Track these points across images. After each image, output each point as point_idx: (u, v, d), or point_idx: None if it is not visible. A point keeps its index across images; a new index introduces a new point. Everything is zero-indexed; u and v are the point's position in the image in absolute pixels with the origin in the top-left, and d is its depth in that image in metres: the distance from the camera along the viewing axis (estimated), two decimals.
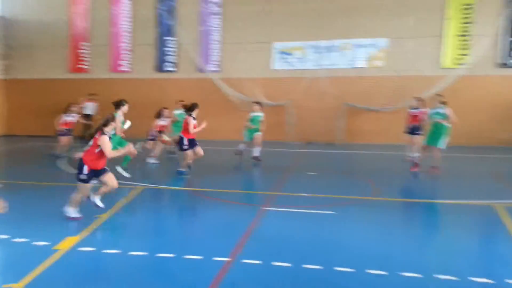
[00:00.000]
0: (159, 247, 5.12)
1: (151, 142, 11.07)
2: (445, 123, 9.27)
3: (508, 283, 4.14)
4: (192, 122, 9.16)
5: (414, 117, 10.72)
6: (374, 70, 15.27)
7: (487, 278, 4.23)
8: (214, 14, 16.38)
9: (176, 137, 11.69)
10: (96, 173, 5.97)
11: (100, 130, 5.89)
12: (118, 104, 8.70)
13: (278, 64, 16.16)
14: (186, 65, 16.81)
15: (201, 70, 16.49)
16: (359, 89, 15.12)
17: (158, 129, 11.06)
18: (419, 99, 10.90)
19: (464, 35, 14.47)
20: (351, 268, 4.46)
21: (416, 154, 10.04)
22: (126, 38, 17.06)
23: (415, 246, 5.28)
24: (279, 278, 4.27)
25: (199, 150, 9.41)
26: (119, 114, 8.50)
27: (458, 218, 6.57)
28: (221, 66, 16.52)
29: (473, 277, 4.26)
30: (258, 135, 11.20)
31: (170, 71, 16.90)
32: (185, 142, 9.22)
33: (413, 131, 10.69)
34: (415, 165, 9.68)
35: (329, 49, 15.66)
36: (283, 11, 15.85)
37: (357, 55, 15.46)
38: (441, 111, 9.34)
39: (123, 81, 17.07)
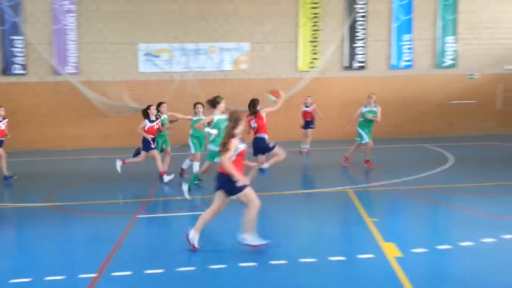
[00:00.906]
0: (12, 272, 4.55)
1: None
2: (376, 119, 10.24)
3: (358, 258, 4.80)
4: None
5: (308, 113, 12.68)
6: (239, 73, 15.98)
7: (342, 256, 4.84)
8: (69, 12, 15.11)
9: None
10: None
11: (231, 134, 5.00)
12: (214, 103, 7.59)
13: (145, 67, 15.71)
14: (38, 67, 15.18)
15: (56, 72, 15.07)
16: (227, 91, 15.65)
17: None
18: (310, 98, 12.91)
19: (314, 41, 16.15)
20: (223, 264, 4.63)
21: (308, 146, 12.37)
22: None
23: (283, 234, 5.72)
24: (151, 286, 4.20)
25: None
26: (216, 114, 7.58)
27: (319, 205, 7.34)
28: (80, 68, 15.35)
29: (331, 256, 4.83)
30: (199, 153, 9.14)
31: (19, 74, 15.04)
32: (267, 140, 7.86)
33: (308, 125, 12.67)
34: (345, 159, 10.61)
35: (197, 52, 15.85)
36: (146, 12, 15.48)
37: (223, 58, 15.99)
38: (374, 109, 10.30)
39: None
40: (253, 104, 8.07)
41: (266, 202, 7.40)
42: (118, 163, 9.26)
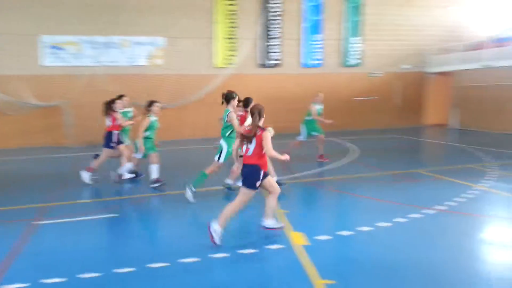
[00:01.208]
0: None
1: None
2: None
3: (268, 249, 5.00)
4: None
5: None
6: (154, 68, 15.56)
7: (252, 249, 5.00)
8: None
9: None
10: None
11: (258, 125, 5.12)
12: (228, 98, 6.83)
13: (48, 60, 14.59)
14: None
15: None
16: (141, 86, 15.15)
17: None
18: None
19: (230, 38, 16.30)
20: (131, 267, 4.51)
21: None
22: None
23: (195, 232, 5.74)
24: None
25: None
26: (231, 110, 6.90)
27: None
28: None
29: (242, 250, 4.98)
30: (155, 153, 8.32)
31: None
32: None
33: None
34: (321, 156, 10.81)
35: (107, 45, 15.10)
36: (51, 1, 14.37)
37: (136, 52, 15.44)
38: (321, 107, 10.58)
39: None
40: (246, 103, 7.93)
41: (177, 202, 7.39)
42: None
